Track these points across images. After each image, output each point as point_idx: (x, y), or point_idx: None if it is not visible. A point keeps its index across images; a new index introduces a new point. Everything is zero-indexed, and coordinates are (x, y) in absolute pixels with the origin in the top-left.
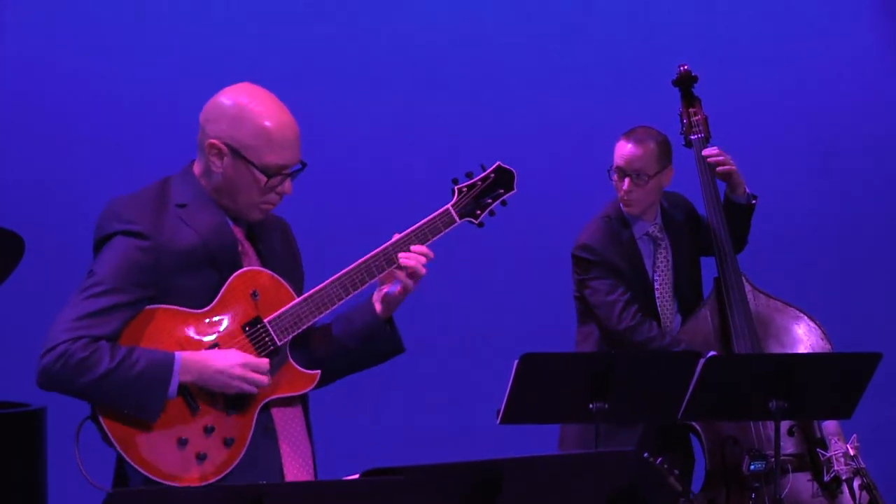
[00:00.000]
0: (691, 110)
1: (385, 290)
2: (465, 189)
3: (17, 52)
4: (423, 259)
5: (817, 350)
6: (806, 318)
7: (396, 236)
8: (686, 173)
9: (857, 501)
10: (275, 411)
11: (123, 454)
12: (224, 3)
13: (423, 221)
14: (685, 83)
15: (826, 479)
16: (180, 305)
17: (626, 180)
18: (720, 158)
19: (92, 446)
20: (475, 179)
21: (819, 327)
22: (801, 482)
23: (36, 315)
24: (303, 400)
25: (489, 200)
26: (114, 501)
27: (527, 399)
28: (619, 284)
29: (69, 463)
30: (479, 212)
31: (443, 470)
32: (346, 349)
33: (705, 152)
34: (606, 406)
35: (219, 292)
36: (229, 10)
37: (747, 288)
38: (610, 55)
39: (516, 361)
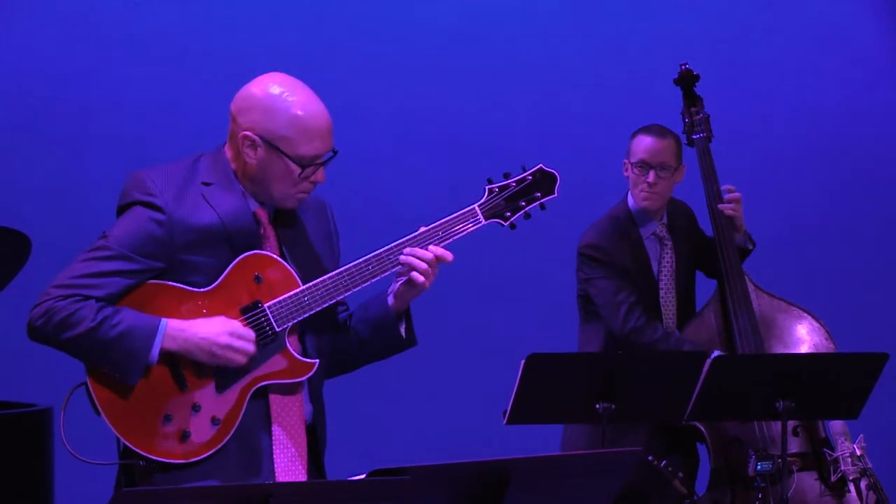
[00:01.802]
0: (693, 109)
1: (397, 284)
2: (496, 189)
3: (25, 54)
4: (422, 258)
5: (821, 350)
6: (810, 317)
7: (421, 230)
8: (687, 172)
9: (864, 501)
10: (272, 398)
11: (109, 423)
12: (231, 4)
13: (445, 219)
14: (687, 82)
15: (833, 479)
16: (190, 281)
17: (651, 173)
18: (731, 206)
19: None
20: (510, 181)
21: (823, 327)
22: (806, 482)
23: None
24: (313, 393)
25: (523, 203)
26: (122, 500)
27: (533, 399)
28: (624, 286)
29: (76, 463)
30: (508, 213)
31: (449, 470)
32: (358, 338)
33: (726, 196)
34: (613, 406)
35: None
36: (237, 10)
37: (750, 288)
38: (611, 54)
39: (523, 362)
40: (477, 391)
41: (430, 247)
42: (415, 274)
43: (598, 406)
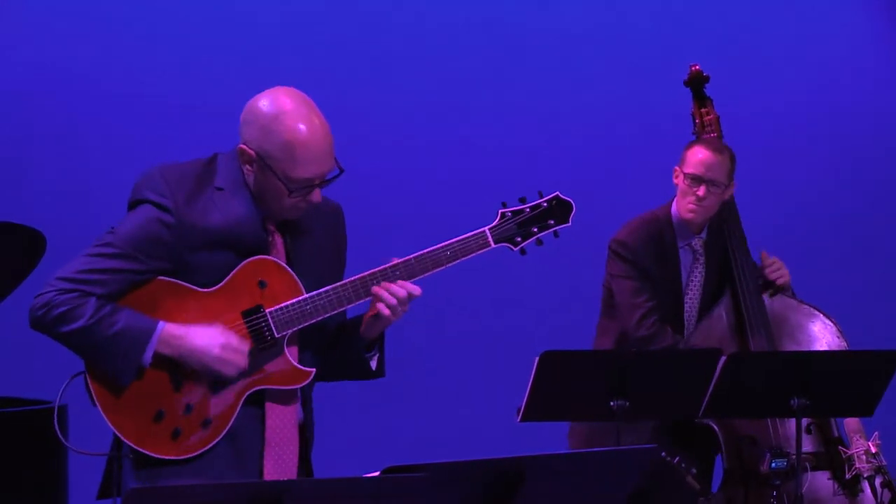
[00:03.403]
0: (703, 110)
1: (367, 314)
2: (509, 214)
3: (33, 54)
4: (393, 293)
5: (833, 348)
6: (821, 315)
7: (420, 252)
8: None
9: (879, 499)
10: (268, 405)
11: (104, 415)
12: (237, 4)
13: (455, 239)
14: (697, 83)
15: (847, 476)
16: (195, 281)
17: (703, 187)
18: (779, 272)
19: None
20: (524, 206)
21: (834, 325)
22: (820, 481)
23: None
24: (304, 397)
25: (535, 229)
26: (133, 498)
27: (547, 397)
28: (645, 289)
29: (90, 460)
30: (519, 239)
31: (464, 467)
32: (342, 354)
33: (766, 262)
34: (627, 404)
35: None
36: (240, 10)
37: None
38: (622, 55)
39: (536, 359)
40: (490, 388)
41: (400, 282)
42: (381, 305)
43: (612, 403)
